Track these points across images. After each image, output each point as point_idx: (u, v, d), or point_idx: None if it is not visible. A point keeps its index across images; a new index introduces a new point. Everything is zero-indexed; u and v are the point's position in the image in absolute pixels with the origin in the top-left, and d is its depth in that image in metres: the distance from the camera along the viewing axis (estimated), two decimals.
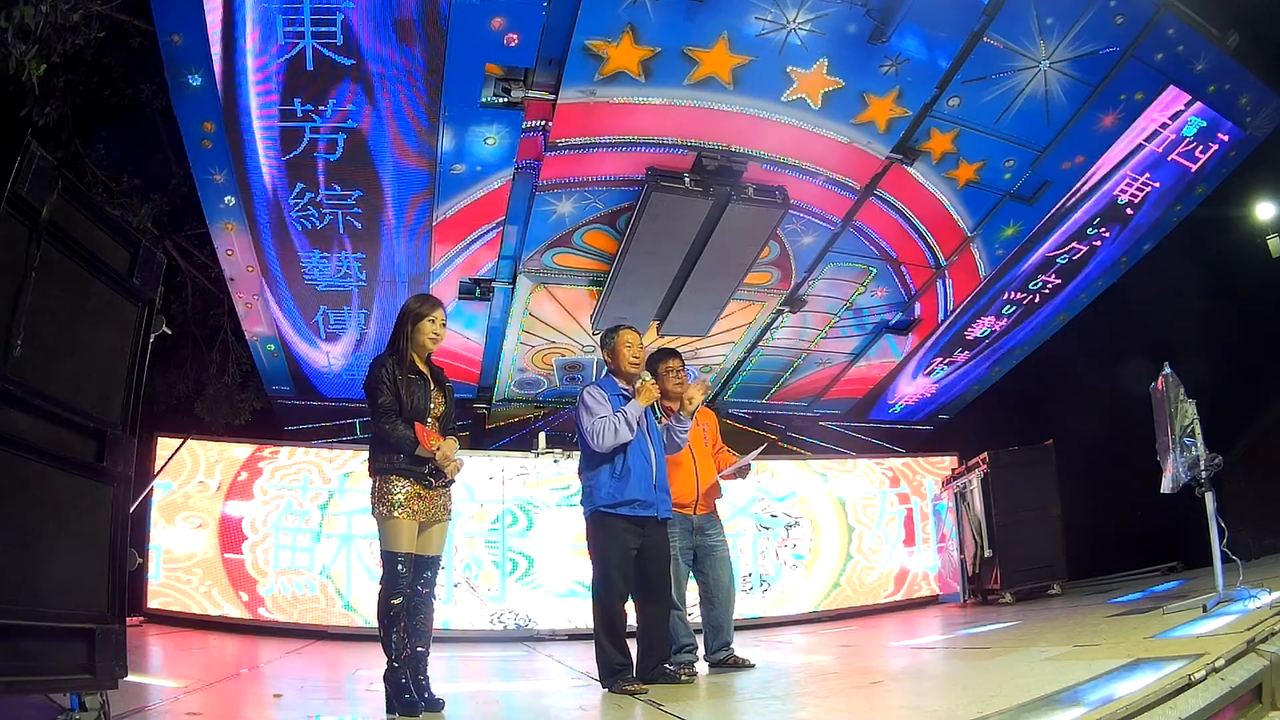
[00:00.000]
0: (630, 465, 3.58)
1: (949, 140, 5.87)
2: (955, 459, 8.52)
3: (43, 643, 2.25)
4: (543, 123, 5.27)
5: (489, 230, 6.08)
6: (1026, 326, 8.21)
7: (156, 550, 6.79)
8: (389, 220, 5.85)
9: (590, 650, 3.69)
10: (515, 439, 8.55)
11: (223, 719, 3.13)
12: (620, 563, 3.55)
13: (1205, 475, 3.84)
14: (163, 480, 6.73)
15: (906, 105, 5.47)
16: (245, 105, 4.92)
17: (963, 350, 8.45)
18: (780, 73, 5.13)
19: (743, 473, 4.45)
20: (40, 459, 2.30)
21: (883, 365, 8.59)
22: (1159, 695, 2.20)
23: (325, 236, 5.93)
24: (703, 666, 4.13)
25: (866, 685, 3.41)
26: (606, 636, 3.52)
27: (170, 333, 3.05)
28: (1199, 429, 3.89)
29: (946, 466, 8.54)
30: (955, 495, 7.94)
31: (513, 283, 6.62)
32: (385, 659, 3.03)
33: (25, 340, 2.20)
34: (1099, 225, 7.03)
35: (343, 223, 5.83)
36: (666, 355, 4.23)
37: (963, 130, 5.80)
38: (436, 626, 3.28)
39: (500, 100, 5.00)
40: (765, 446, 4.79)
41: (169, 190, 6.86)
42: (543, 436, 7.73)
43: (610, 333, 3.88)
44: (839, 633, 6.46)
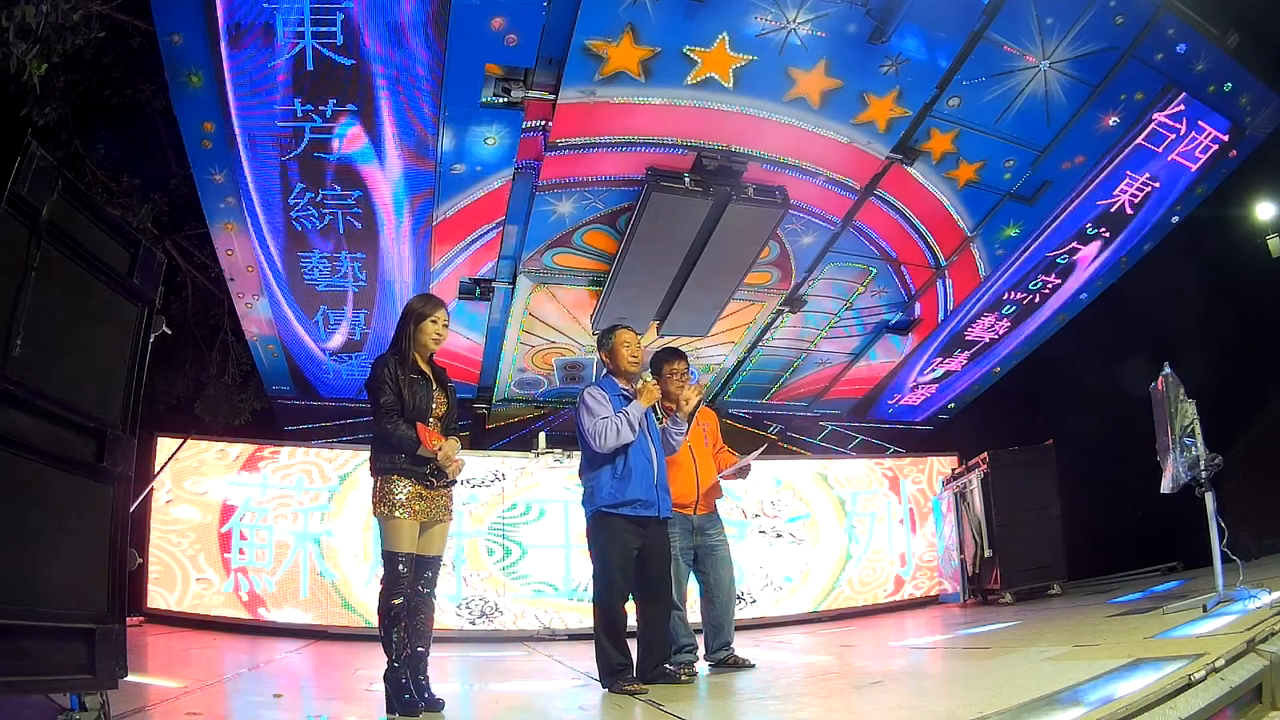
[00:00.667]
0: (632, 465, 3.58)
1: (949, 140, 5.87)
2: (955, 459, 8.51)
3: (43, 643, 2.26)
4: (543, 123, 5.26)
5: (489, 230, 6.08)
6: (1026, 326, 8.21)
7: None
8: (389, 220, 5.85)
9: (590, 650, 3.69)
10: (515, 439, 8.55)
11: (223, 719, 3.13)
12: (621, 563, 3.56)
13: (1205, 475, 3.84)
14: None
15: (906, 105, 5.47)
16: (245, 105, 4.92)
17: (963, 350, 8.44)
18: (780, 73, 5.13)
19: (743, 473, 4.44)
20: (40, 459, 2.30)
21: (883, 365, 8.59)
22: (1159, 695, 2.20)
23: (325, 236, 5.93)
24: (703, 666, 4.13)
25: (866, 685, 3.41)
26: (607, 636, 3.52)
27: (170, 333, 3.05)
28: (1199, 429, 3.89)
29: (946, 466, 8.54)
30: (955, 495, 7.94)
31: (513, 283, 6.62)
32: (385, 659, 3.03)
33: (25, 340, 2.20)
34: (1099, 225, 7.02)
35: (343, 223, 5.82)
36: (672, 357, 4.22)
37: (963, 130, 5.80)
38: (436, 626, 3.29)
39: (500, 100, 5.00)
40: (766, 447, 4.79)
41: (169, 190, 6.85)
42: (543, 436, 7.73)
43: (608, 333, 3.88)
44: (839, 633, 6.46)
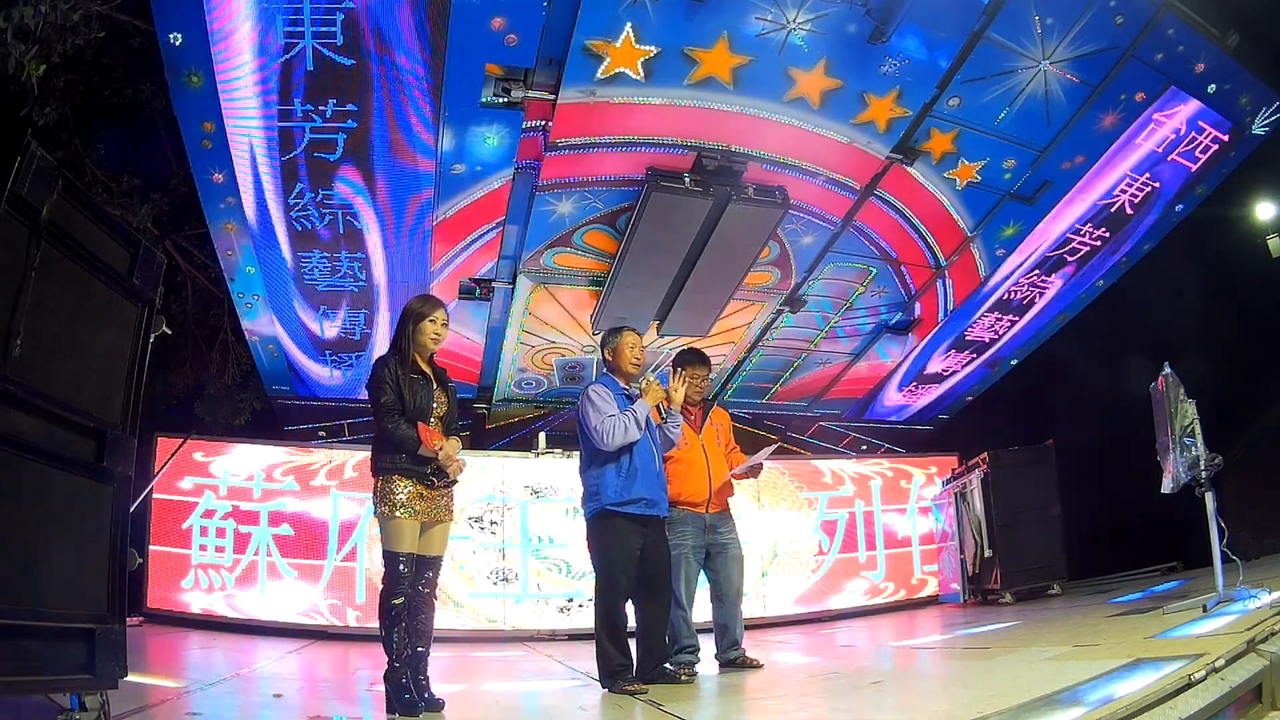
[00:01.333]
0: (637, 464, 3.60)
1: (949, 140, 5.87)
2: (955, 459, 8.51)
3: (43, 643, 2.25)
4: (543, 123, 5.27)
5: (489, 230, 6.08)
6: (1027, 326, 8.21)
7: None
8: (389, 220, 5.85)
9: (590, 650, 3.69)
10: (515, 439, 8.55)
11: (223, 719, 3.13)
12: (623, 562, 3.57)
13: (1205, 475, 3.84)
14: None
15: (906, 105, 5.47)
16: (245, 105, 4.92)
17: (962, 350, 8.45)
18: (780, 73, 5.13)
19: (755, 471, 4.47)
20: (40, 459, 2.29)
21: (883, 365, 8.59)
22: (1159, 695, 2.20)
23: (325, 236, 5.93)
24: (712, 665, 4.13)
25: (866, 685, 3.41)
26: (608, 636, 3.52)
27: (170, 333, 3.05)
28: (1199, 429, 3.89)
29: (946, 466, 8.54)
30: (955, 495, 7.94)
31: (513, 283, 6.63)
32: (385, 659, 3.04)
33: (25, 340, 2.20)
34: (1099, 225, 7.02)
35: (343, 223, 5.83)
36: (697, 362, 4.26)
37: (963, 130, 5.80)
38: (436, 626, 3.29)
39: (500, 100, 5.00)
40: (777, 445, 4.79)
41: (169, 190, 6.86)
42: (543, 436, 7.73)
43: (613, 333, 3.90)
44: (839, 633, 6.46)
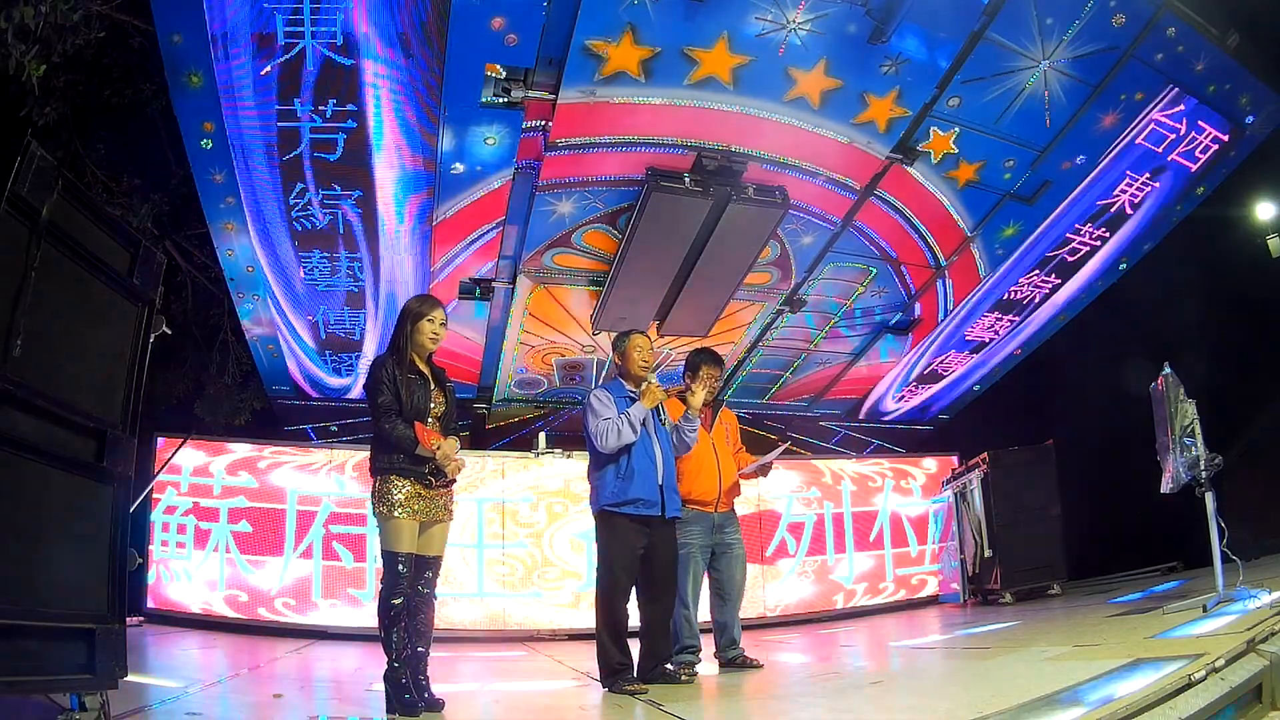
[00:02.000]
0: (634, 466, 3.62)
1: (949, 140, 5.87)
2: (955, 459, 8.51)
3: (43, 643, 2.25)
4: (543, 123, 5.27)
5: (489, 230, 6.08)
6: (1026, 326, 8.21)
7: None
8: (389, 220, 5.85)
9: (590, 650, 3.69)
10: (515, 439, 8.55)
11: (223, 719, 3.13)
12: (624, 562, 3.58)
13: (1205, 475, 3.84)
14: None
15: (906, 105, 5.47)
16: (245, 105, 4.92)
17: (963, 350, 8.44)
18: (780, 73, 5.13)
19: (764, 470, 4.49)
20: (40, 459, 2.30)
21: (883, 365, 8.59)
22: (1159, 695, 2.20)
23: (325, 236, 5.93)
24: (712, 665, 4.14)
25: (866, 685, 3.41)
26: (609, 635, 3.54)
27: (170, 333, 3.05)
28: (1199, 429, 3.89)
29: (946, 467, 8.54)
30: (955, 495, 7.93)
31: (513, 283, 6.62)
32: (385, 659, 3.04)
33: (25, 340, 2.20)
34: (1099, 225, 7.02)
35: (342, 223, 5.83)
36: (713, 362, 4.27)
37: (963, 130, 5.80)
38: (436, 626, 3.29)
39: (500, 100, 5.00)
40: (787, 445, 4.80)
41: (169, 190, 6.85)
42: (543, 436, 7.73)
43: (623, 336, 3.94)
44: (839, 633, 6.46)
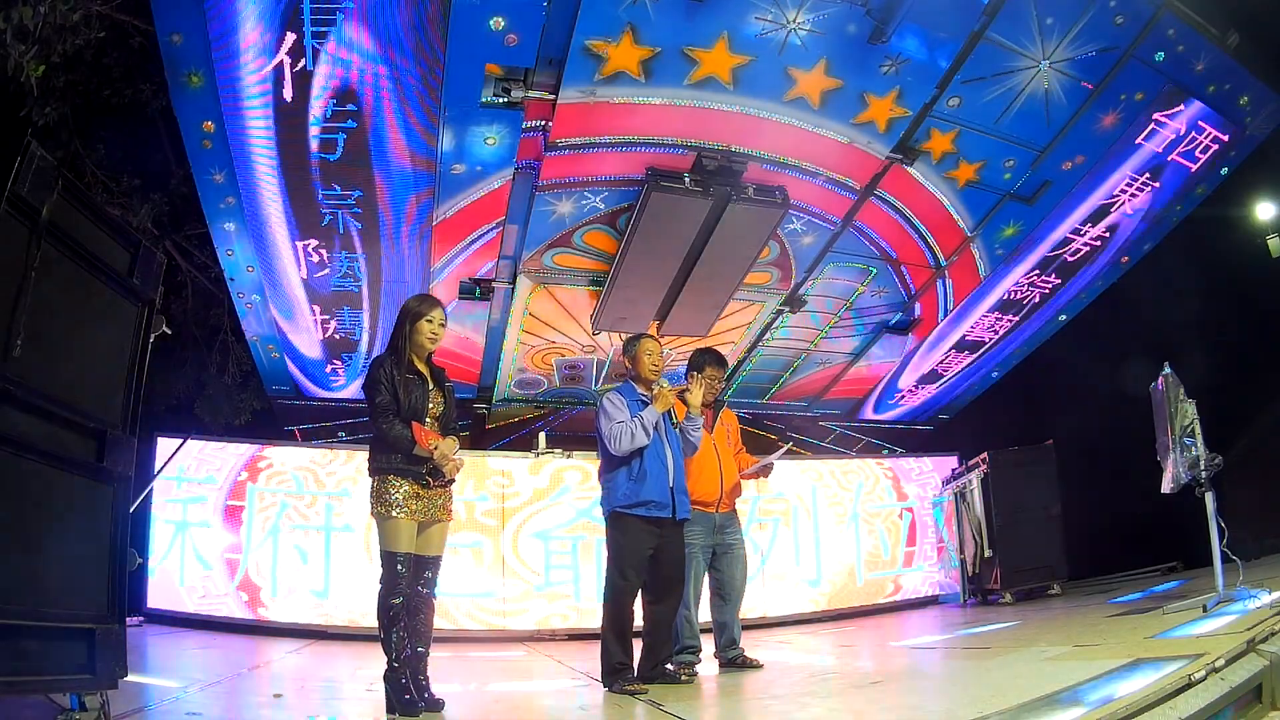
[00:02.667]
0: (646, 468, 3.65)
1: (949, 140, 5.87)
2: (955, 459, 8.51)
3: (43, 643, 2.26)
4: (543, 123, 5.26)
5: (489, 230, 6.07)
6: (1026, 326, 8.20)
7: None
8: (389, 220, 5.85)
9: (590, 650, 3.70)
10: (515, 439, 8.55)
11: (223, 719, 3.13)
12: (633, 562, 3.61)
13: (1205, 475, 3.84)
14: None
15: (906, 105, 5.47)
16: (245, 105, 4.92)
17: (962, 350, 8.44)
18: (780, 73, 5.13)
19: (766, 471, 4.51)
20: (40, 459, 2.30)
21: (883, 365, 8.59)
22: (1159, 695, 2.20)
23: (325, 236, 5.93)
24: (712, 665, 4.15)
25: (866, 685, 3.41)
26: (613, 635, 3.56)
27: (170, 333, 3.05)
28: (1199, 429, 3.90)
29: (946, 466, 8.54)
30: (955, 495, 7.94)
31: (513, 283, 6.62)
32: (385, 659, 3.04)
33: (25, 340, 2.20)
34: (1099, 225, 7.02)
35: (342, 223, 5.82)
36: (715, 363, 4.28)
37: (963, 130, 5.79)
38: (436, 626, 3.29)
39: (500, 100, 5.00)
40: (789, 447, 4.81)
41: (169, 190, 6.85)
42: (543, 436, 7.73)
43: (632, 341, 3.97)
44: (839, 633, 6.46)
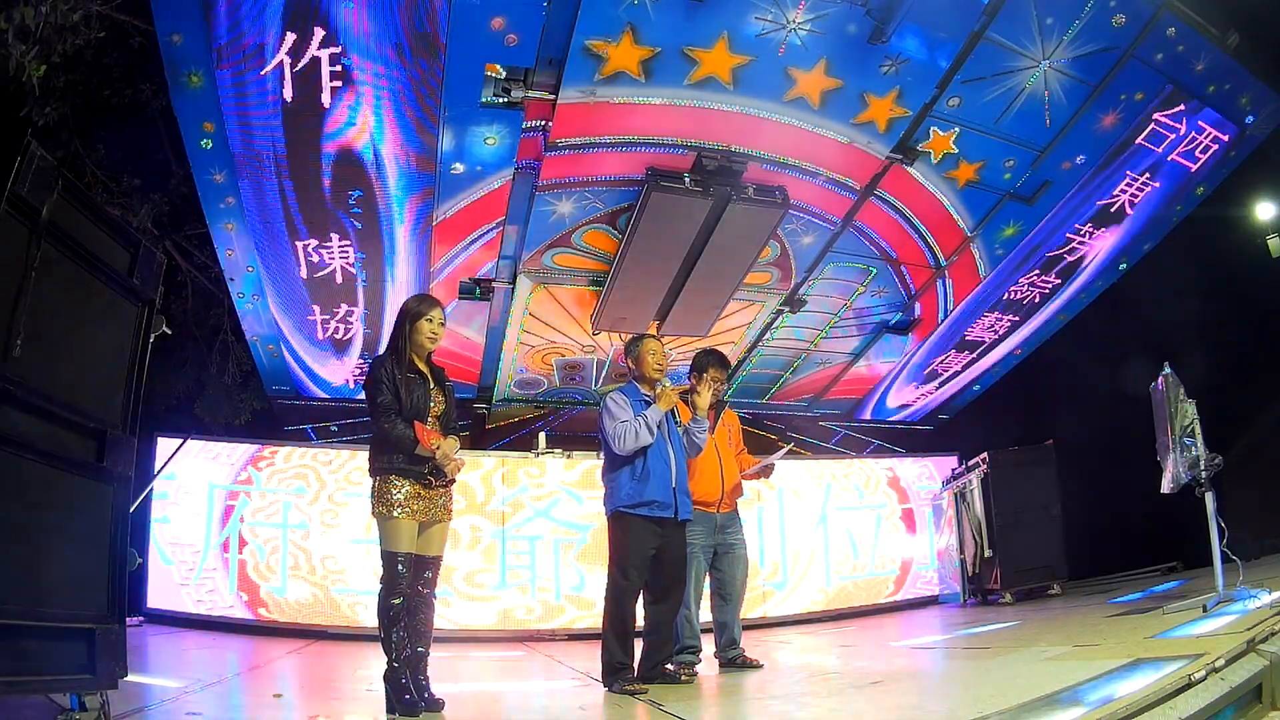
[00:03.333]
0: (650, 468, 3.65)
1: (949, 140, 5.87)
2: (955, 459, 8.51)
3: (43, 643, 2.26)
4: (543, 123, 5.27)
5: (489, 230, 6.08)
6: (1026, 326, 8.21)
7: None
8: (389, 220, 5.85)
9: (590, 650, 3.70)
10: (515, 439, 8.55)
11: (223, 719, 3.13)
12: (636, 562, 3.61)
13: (1205, 475, 3.84)
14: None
15: (906, 105, 5.47)
16: (245, 105, 4.92)
17: (963, 351, 8.44)
18: (780, 73, 5.13)
19: (767, 472, 4.51)
20: (40, 459, 2.30)
21: (883, 365, 8.59)
22: (1159, 695, 2.20)
23: (325, 236, 5.92)
24: (712, 665, 4.15)
25: (866, 685, 3.40)
26: (614, 635, 3.56)
27: (170, 333, 3.05)
28: (1199, 429, 3.90)
29: (946, 467, 8.54)
30: (955, 495, 7.93)
31: (513, 283, 6.62)
32: (385, 659, 3.04)
33: (25, 340, 2.20)
34: (1099, 225, 7.02)
35: (342, 223, 5.82)
36: (718, 364, 4.28)
37: (963, 130, 5.80)
38: (437, 626, 3.29)
39: (500, 100, 5.00)
40: (790, 447, 4.81)
41: (169, 190, 6.85)
42: (543, 436, 7.74)
43: (635, 341, 3.96)
44: (839, 633, 6.46)
